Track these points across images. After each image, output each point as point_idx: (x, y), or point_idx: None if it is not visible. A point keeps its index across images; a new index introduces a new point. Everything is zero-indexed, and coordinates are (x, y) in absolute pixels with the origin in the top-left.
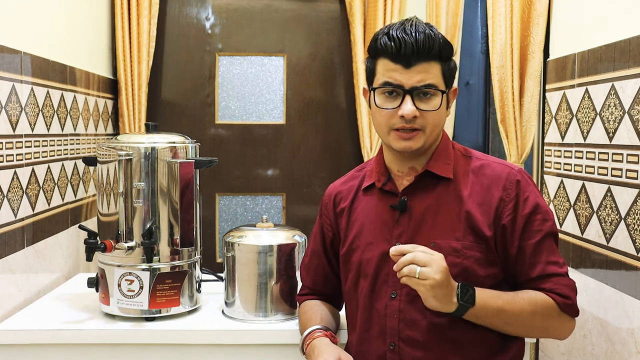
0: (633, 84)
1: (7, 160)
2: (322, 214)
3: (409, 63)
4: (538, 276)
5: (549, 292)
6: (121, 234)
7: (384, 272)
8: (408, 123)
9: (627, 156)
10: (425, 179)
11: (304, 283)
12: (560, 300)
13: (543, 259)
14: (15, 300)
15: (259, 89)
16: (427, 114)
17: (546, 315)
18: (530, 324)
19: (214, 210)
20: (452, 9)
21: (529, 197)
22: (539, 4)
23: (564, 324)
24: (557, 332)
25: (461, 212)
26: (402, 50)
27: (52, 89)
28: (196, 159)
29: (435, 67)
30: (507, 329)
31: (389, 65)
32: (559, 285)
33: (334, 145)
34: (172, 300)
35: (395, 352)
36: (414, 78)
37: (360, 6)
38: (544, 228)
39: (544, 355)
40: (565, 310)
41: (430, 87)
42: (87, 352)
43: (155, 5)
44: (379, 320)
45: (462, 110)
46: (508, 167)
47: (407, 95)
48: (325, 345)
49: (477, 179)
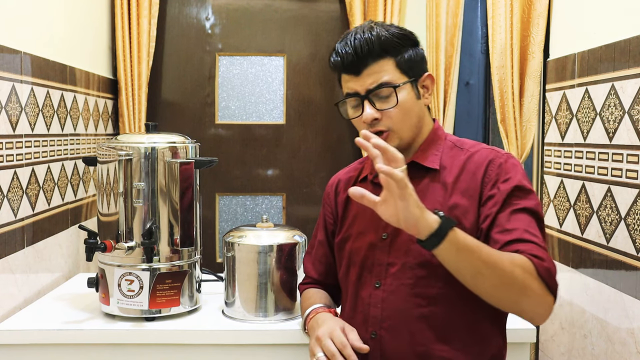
0: (633, 84)
1: (7, 160)
2: (325, 204)
3: (357, 70)
4: (515, 239)
5: (524, 253)
6: (121, 234)
7: (369, 261)
8: (372, 127)
9: (627, 156)
10: (411, 170)
11: (308, 274)
12: (537, 261)
13: (520, 226)
14: (15, 300)
15: (259, 89)
16: (390, 112)
17: (525, 270)
18: (509, 275)
19: (214, 210)
20: (452, 9)
21: (511, 177)
22: (539, 4)
23: (544, 293)
24: (536, 299)
25: (445, 201)
26: (345, 61)
27: (52, 89)
28: (196, 159)
29: (387, 64)
30: (483, 275)
31: (345, 78)
32: (536, 249)
33: (334, 145)
34: (172, 300)
35: (377, 340)
36: (366, 82)
37: (360, 6)
38: (523, 203)
39: (543, 355)
40: (542, 274)
41: (383, 86)
42: (87, 352)
43: (155, 5)
44: (363, 308)
45: (462, 110)
46: (495, 151)
47: (365, 101)
48: (329, 317)
49: (465, 166)
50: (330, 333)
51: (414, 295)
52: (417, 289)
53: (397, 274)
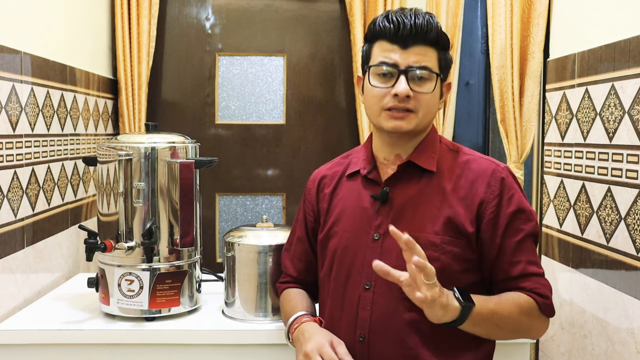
0: (633, 84)
1: (7, 160)
2: (305, 199)
3: (406, 44)
4: (519, 275)
5: (529, 292)
6: (121, 234)
7: (358, 262)
8: (401, 102)
9: (627, 156)
10: (408, 170)
11: (287, 271)
12: (541, 300)
13: (524, 258)
14: (15, 300)
15: (259, 89)
16: (421, 96)
17: (530, 315)
18: (518, 325)
19: (214, 210)
20: (452, 9)
21: (513, 196)
22: (539, 4)
23: (543, 324)
24: (536, 331)
25: (442, 206)
26: (400, 31)
27: (52, 89)
28: (196, 159)
29: (432, 52)
30: (497, 332)
31: (386, 46)
32: (539, 285)
33: (334, 145)
34: (172, 300)
35: (364, 343)
36: (410, 59)
37: (360, 6)
38: (527, 228)
39: (544, 355)
40: (544, 310)
41: (426, 69)
42: (87, 352)
43: (155, 5)
44: (351, 310)
45: (462, 110)
46: (494, 163)
47: (402, 75)
48: (316, 329)
49: (463, 173)
50: (319, 349)
51: (404, 298)
52: None
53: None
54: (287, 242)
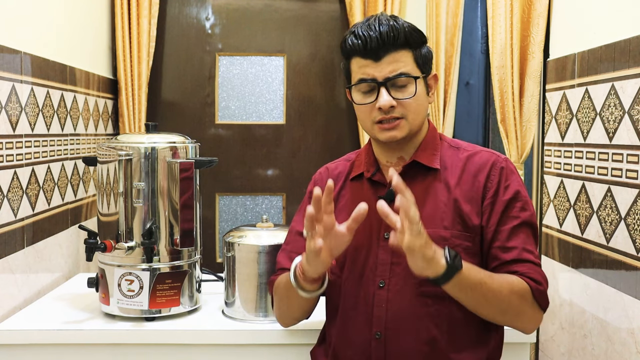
0: (633, 84)
1: (7, 160)
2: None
3: (377, 56)
4: (513, 259)
5: (523, 276)
6: (121, 234)
7: (371, 261)
8: (387, 114)
9: (627, 156)
10: (412, 169)
11: (280, 266)
12: (534, 285)
13: (519, 244)
14: (15, 300)
15: (259, 89)
16: (405, 102)
17: (522, 297)
18: (506, 303)
19: (214, 210)
20: (452, 9)
21: (510, 185)
22: (539, 4)
23: (535, 314)
24: (527, 319)
25: (449, 201)
26: (368, 45)
27: (52, 89)
28: (196, 159)
29: (406, 56)
30: (485, 305)
31: (361, 62)
32: (533, 271)
33: (334, 145)
34: (172, 300)
35: (381, 341)
36: (385, 69)
37: (360, 6)
38: (522, 216)
39: (543, 355)
40: (537, 297)
41: (402, 76)
42: (87, 352)
43: (155, 5)
44: (366, 308)
45: (462, 110)
46: (494, 155)
47: (382, 87)
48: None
49: (465, 167)
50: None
51: (420, 294)
52: (423, 287)
53: (402, 273)
54: (285, 242)
